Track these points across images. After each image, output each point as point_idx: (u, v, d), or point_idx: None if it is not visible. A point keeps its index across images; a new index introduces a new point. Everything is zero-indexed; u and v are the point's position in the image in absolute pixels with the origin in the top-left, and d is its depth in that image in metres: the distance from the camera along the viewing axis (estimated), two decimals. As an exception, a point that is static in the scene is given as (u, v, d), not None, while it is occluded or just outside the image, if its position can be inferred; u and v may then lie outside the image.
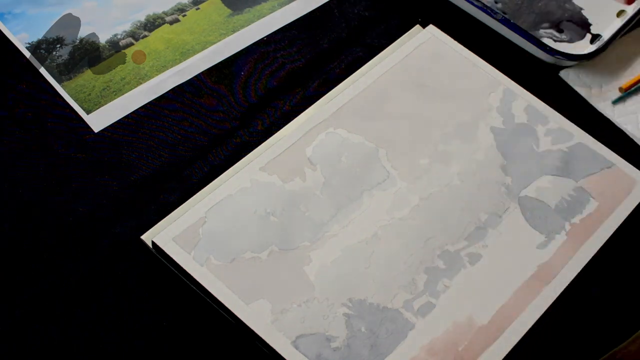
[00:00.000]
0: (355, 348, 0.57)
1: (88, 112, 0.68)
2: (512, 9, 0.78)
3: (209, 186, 0.63)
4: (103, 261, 0.60)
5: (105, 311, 0.58)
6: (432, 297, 0.60)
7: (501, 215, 0.64)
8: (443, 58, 0.74)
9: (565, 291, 0.61)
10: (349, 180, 0.65)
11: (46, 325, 0.57)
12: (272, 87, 0.71)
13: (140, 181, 0.64)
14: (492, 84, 0.73)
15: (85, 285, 0.59)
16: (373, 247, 0.62)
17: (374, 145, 0.67)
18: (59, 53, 0.71)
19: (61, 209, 0.62)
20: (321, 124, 0.68)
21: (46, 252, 0.60)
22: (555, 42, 0.76)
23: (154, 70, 0.71)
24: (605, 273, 0.64)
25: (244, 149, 0.66)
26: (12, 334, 0.56)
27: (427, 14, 0.77)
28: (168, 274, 0.60)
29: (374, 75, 0.71)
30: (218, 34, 0.74)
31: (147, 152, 0.66)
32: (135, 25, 0.74)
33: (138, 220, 0.62)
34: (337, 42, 0.75)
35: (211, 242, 0.60)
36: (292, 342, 0.57)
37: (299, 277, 0.60)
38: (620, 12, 0.79)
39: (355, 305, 0.59)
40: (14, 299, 0.58)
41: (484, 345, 0.58)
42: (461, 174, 0.67)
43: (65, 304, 0.58)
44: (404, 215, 0.64)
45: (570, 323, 0.61)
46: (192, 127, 0.68)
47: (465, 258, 0.62)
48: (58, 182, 0.63)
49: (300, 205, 0.63)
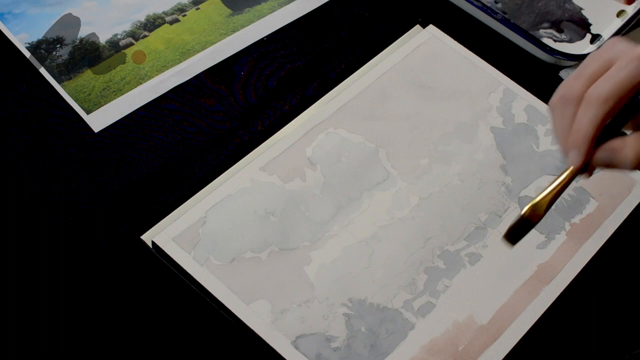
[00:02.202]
0: (355, 348, 0.57)
1: (88, 112, 0.68)
2: (512, 9, 0.78)
3: (209, 186, 0.63)
4: (103, 261, 0.60)
5: (105, 311, 0.58)
6: (432, 297, 0.60)
7: (501, 215, 0.64)
8: (443, 58, 0.74)
9: (565, 291, 0.61)
10: (349, 180, 0.65)
11: (46, 325, 0.57)
12: (272, 87, 0.71)
13: (140, 181, 0.64)
14: (492, 84, 0.73)
15: (85, 285, 0.59)
16: (373, 247, 0.62)
17: (374, 145, 0.67)
18: (59, 53, 0.71)
19: (61, 208, 0.62)
20: (321, 124, 0.68)
21: (46, 252, 0.60)
22: (555, 42, 0.76)
23: (154, 70, 0.71)
24: (605, 273, 0.64)
25: (244, 149, 0.66)
26: (12, 334, 0.56)
27: (427, 14, 0.77)
28: (168, 274, 0.60)
29: (374, 75, 0.71)
30: (218, 34, 0.74)
31: (147, 152, 0.66)
32: (135, 25, 0.74)
33: (138, 220, 0.62)
34: (337, 42, 0.75)
35: (211, 242, 0.60)
36: (292, 342, 0.57)
37: (299, 277, 0.60)
38: (620, 12, 0.79)
39: (355, 305, 0.59)
40: (14, 299, 0.58)
41: (484, 345, 0.58)
42: (461, 174, 0.67)
43: (65, 303, 0.58)
44: (404, 215, 0.64)
45: (570, 323, 0.61)
46: (192, 127, 0.68)
47: (465, 258, 0.62)
48: (58, 182, 0.63)
49: (300, 205, 0.63)
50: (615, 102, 0.48)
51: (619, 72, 0.48)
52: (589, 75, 0.49)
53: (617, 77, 0.48)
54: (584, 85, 0.49)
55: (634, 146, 0.48)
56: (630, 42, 0.51)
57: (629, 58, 0.48)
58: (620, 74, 0.48)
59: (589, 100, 0.48)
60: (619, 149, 0.49)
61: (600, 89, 0.48)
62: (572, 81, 0.50)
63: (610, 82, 0.48)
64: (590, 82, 0.49)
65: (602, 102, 0.48)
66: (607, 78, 0.48)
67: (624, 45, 0.50)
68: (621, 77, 0.48)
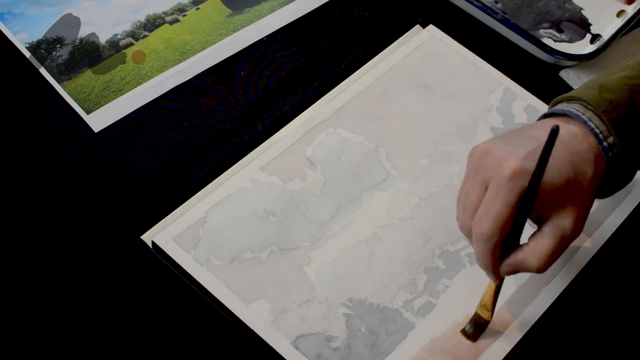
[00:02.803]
0: (355, 348, 0.57)
1: (88, 112, 0.68)
2: (512, 9, 0.78)
3: (209, 186, 0.63)
4: (103, 261, 0.60)
5: (105, 311, 0.58)
6: (432, 297, 0.60)
7: (501, 215, 0.64)
8: (443, 58, 0.74)
9: (565, 291, 0.61)
10: (349, 180, 0.65)
11: (46, 325, 0.57)
12: (272, 87, 0.71)
13: (140, 181, 0.64)
14: (492, 84, 0.73)
15: (85, 285, 0.59)
16: (373, 247, 0.62)
17: (374, 145, 0.67)
18: (59, 53, 0.71)
19: (61, 208, 0.62)
20: (321, 124, 0.68)
21: (46, 252, 0.60)
22: (555, 42, 0.76)
23: (154, 70, 0.71)
24: (605, 273, 0.64)
25: (244, 149, 0.66)
26: (12, 334, 0.56)
27: (427, 14, 0.77)
28: (168, 274, 0.60)
29: (374, 75, 0.71)
30: (218, 34, 0.74)
31: (147, 152, 0.66)
32: (135, 25, 0.74)
33: (138, 220, 0.62)
34: (337, 42, 0.75)
35: (211, 242, 0.60)
36: (292, 342, 0.57)
37: (299, 277, 0.60)
38: (620, 12, 0.79)
39: (355, 305, 0.59)
40: (14, 299, 0.58)
41: (484, 345, 0.58)
42: (461, 174, 0.66)
43: (66, 304, 0.58)
44: (404, 215, 0.64)
45: (570, 323, 0.61)
46: (192, 127, 0.68)
47: (465, 258, 0.62)
48: (58, 182, 0.63)
49: (300, 205, 0.63)
50: (500, 234, 0.50)
51: (494, 204, 0.49)
52: (473, 206, 0.51)
53: (493, 211, 0.49)
54: (471, 218, 0.51)
55: (534, 255, 0.51)
56: (496, 146, 0.51)
57: (499, 181, 0.49)
58: (495, 206, 0.49)
59: (476, 238, 0.51)
60: (521, 261, 0.51)
61: (482, 227, 0.50)
62: (462, 214, 0.52)
63: (489, 217, 0.50)
64: (474, 212, 0.51)
65: (487, 238, 0.50)
66: (485, 213, 0.50)
67: (494, 158, 0.50)
68: (497, 210, 0.49)
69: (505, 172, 0.49)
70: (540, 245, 0.51)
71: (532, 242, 0.51)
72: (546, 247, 0.50)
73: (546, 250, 0.50)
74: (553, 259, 0.51)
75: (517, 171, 0.49)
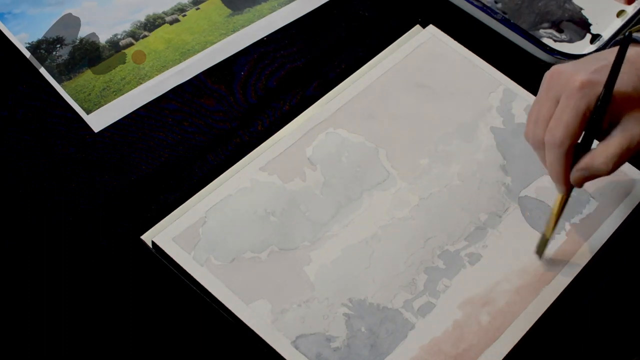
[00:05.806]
0: (355, 348, 0.57)
1: (88, 112, 0.68)
2: (512, 9, 0.78)
3: (209, 186, 0.63)
4: (103, 261, 0.60)
5: (105, 311, 0.58)
6: (432, 297, 0.60)
7: (501, 215, 0.64)
8: (443, 58, 0.74)
9: (565, 291, 0.61)
10: (349, 180, 0.65)
11: (46, 325, 0.57)
12: (272, 87, 0.71)
13: (140, 181, 0.65)
14: (492, 84, 0.73)
15: (85, 285, 0.59)
16: (373, 247, 0.62)
17: (374, 145, 0.67)
18: (59, 53, 0.71)
19: (61, 208, 0.62)
20: (321, 124, 0.68)
21: (46, 252, 0.60)
22: (555, 42, 0.76)
23: (154, 70, 0.71)
24: (605, 273, 0.64)
25: (244, 149, 0.66)
26: (12, 334, 0.56)
27: (427, 14, 0.77)
28: (168, 274, 0.60)
29: (374, 75, 0.71)
30: (218, 34, 0.74)
31: (147, 152, 0.66)
32: (135, 25, 0.74)
33: (138, 220, 0.62)
34: (337, 42, 0.75)
35: (211, 242, 0.60)
36: (292, 342, 0.57)
37: (299, 277, 0.60)
38: (620, 12, 0.79)
39: (355, 305, 0.59)
40: (14, 299, 0.58)
41: (484, 346, 0.58)
42: (461, 174, 0.67)
43: (66, 304, 0.58)
44: (404, 215, 0.64)
45: (570, 323, 0.61)
46: (192, 127, 0.68)
47: (465, 258, 0.62)
48: (58, 182, 0.63)
49: (300, 205, 0.63)
50: (571, 140, 0.54)
51: (565, 113, 0.53)
52: (544, 119, 0.55)
53: (564, 119, 0.53)
54: (543, 130, 0.55)
55: (602, 155, 0.53)
56: (567, 67, 0.55)
57: (570, 92, 0.53)
58: (566, 115, 0.53)
59: (548, 146, 0.55)
60: (590, 162, 0.54)
61: (553, 134, 0.54)
62: (532, 127, 0.56)
63: (561, 125, 0.53)
64: (547, 124, 0.54)
65: (559, 144, 0.54)
66: (557, 121, 0.53)
67: (565, 75, 0.54)
68: (568, 118, 0.53)
69: (575, 84, 0.53)
70: (608, 146, 0.53)
71: (600, 145, 0.54)
72: (614, 146, 0.53)
73: (614, 149, 0.53)
74: (621, 159, 0.53)
75: (585, 82, 0.53)
